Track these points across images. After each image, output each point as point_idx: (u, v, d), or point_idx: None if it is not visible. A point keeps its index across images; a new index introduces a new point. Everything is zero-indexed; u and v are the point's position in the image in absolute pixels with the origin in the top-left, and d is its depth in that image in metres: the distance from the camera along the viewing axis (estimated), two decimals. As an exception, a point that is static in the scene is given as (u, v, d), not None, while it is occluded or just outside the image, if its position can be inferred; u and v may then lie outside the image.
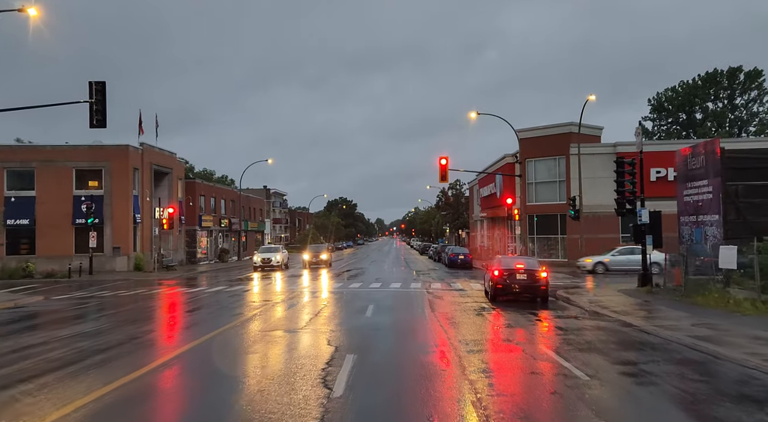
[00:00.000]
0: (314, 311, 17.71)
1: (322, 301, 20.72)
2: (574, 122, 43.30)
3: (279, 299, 21.82)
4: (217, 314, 18.04)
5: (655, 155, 41.76)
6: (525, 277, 20.27)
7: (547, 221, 44.68)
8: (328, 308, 18.80)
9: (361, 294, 23.16)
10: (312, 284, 28.50)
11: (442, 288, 25.80)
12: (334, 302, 20.23)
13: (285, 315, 17.11)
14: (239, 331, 14.27)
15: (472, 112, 42.90)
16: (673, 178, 41.05)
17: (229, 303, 21.09)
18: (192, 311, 19.15)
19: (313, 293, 23.64)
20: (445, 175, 41.37)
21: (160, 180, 49.39)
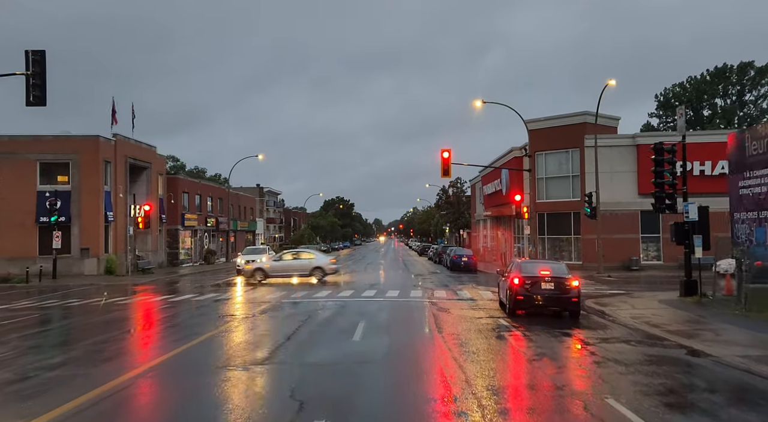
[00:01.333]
0: (288, 333, 13.80)
1: (302, 317, 16.81)
2: (590, 111, 39.49)
3: (251, 312, 17.94)
4: (164, 336, 14.17)
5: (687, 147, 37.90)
6: (552, 287, 16.43)
7: (558, 220, 40.84)
8: (307, 326, 14.92)
9: (352, 306, 19.29)
10: (296, 292, 24.60)
11: (447, 297, 21.95)
12: (317, 318, 16.34)
13: (248, 338, 13.22)
14: (174, 367, 10.40)
15: (477, 100, 39.09)
16: (711, 172, 37.43)
17: (187, 318, 17.24)
18: (131, 333, 15.25)
19: (294, 305, 19.74)
20: (447, 169, 37.58)
21: (137, 175, 45.48)
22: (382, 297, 21.98)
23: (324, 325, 14.95)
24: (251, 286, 28.89)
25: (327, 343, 12.33)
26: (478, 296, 22.52)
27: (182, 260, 51.86)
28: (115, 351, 12.13)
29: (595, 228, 36.94)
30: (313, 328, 14.44)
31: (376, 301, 20.71)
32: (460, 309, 18.29)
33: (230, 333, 13.94)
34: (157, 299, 22.70)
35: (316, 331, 13.91)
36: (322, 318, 16.31)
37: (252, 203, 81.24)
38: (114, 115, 40.24)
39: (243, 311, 18.32)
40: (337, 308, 18.46)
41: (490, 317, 16.72)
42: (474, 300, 20.98)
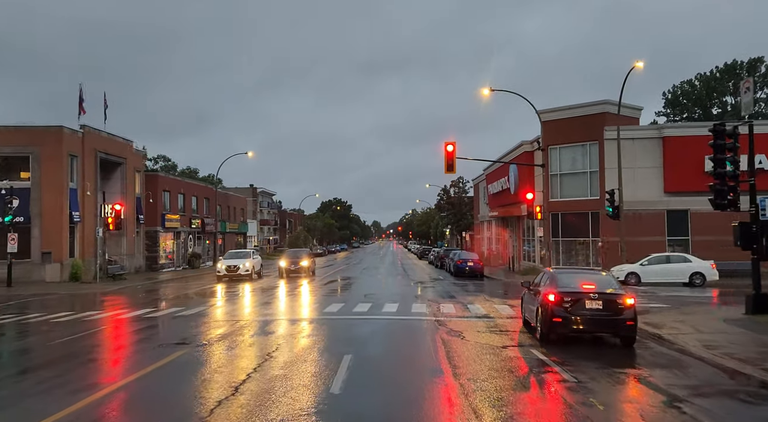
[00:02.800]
0: (238, 381, 9.62)
1: (270, 346, 12.75)
2: (610, 100, 35.52)
3: (205, 339, 13.88)
4: (61, 383, 10.15)
5: (707, 139, 33.91)
6: (599, 306, 12.46)
7: (574, 221, 36.85)
8: (270, 364, 10.87)
9: (338, 329, 15.26)
10: (274, 306, 20.57)
11: (457, 314, 17.93)
12: (287, 351, 12.23)
13: (176, 391, 9.18)
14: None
15: (485, 88, 35.13)
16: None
17: (112, 349, 13.21)
18: (28, 372, 11.22)
19: (264, 327, 15.67)
20: (452, 164, 33.56)
21: (110, 172, 41.45)
22: (378, 313, 17.96)
23: (294, 363, 10.88)
24: (229, 296, 24.89)
25: (291, 401, 8.27)
26: (494, 311, 18.51)
27: (163, 265, 47.78)
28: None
29: (617, 230, 33.00)
30: (277, 369, 10.36)
31: (370, 320, 16.69)
32: (476, 332, 14.27)
33: (157, 382, 9.91)
34: (105, 316, 18.66)
35: (280, 376, 9.80)
36: (296, 350, 12.25)
37: (243, 204, 77.21)
38: (81, 104, 36.22)
39: (196, 335, 14.28)
40: (318, 333, 14.41)
41: (518, 345, 12.73)
42: (490, 318, 16.98)
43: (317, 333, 14.35)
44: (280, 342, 12.89)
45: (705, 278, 28.39)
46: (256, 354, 11.72)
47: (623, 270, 30.10)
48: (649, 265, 29.93)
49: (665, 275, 29.21)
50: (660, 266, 29.46)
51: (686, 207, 34.23)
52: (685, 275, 28.77)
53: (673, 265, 29.34)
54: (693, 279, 28.44)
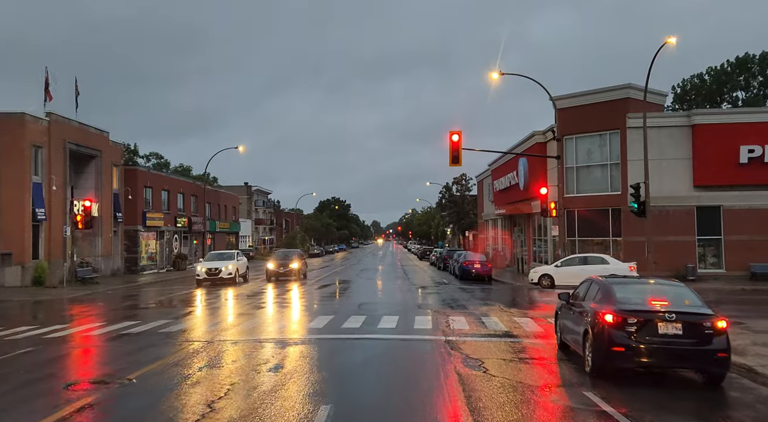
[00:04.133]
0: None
1: (219, 388, 9.17)
2: (634, 84, 32.06)
3: (137, 373, 10.32)
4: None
5: (743, 127, 30.61)
6: (678, 330, 8.96)
7: (593, 219, 33.34)
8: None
9: (320, 356, 11.72)
10: (248, 320, 17.03)
11: (471, 330, 14.41)
12: (239, 399, 8.53)
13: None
14: None
15: (494, 72, 31.72)
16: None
17: (14, 387, 9.69)
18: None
19: (223, 352, 12.12)
20: (457, 155, 30.19)
21: (83, 165, 37.93)
22: (373, 331, 14.42)
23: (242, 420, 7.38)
24: (202, 305, 21.39)
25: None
26: (516, 327, 15.00)
27: (143, 267, 44.24)
28: None
29: (642, 228, 29.54)
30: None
31: (362, 342, 13.16)
32: (501, 362, 10.75)
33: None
34: (35, 333, 15.12)
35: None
36: (252, 397, 8.67)
37: (235, 202, 73.64)
38: (48, 89, 32.70)
39: (128, 366, 10.75)
40: (292, 363, 10.84)
41: (563, 385, 9.23)
42: (514, 338, 13.46)
43: (291, 363, 10.81)
44: (235, 380, 9.35)
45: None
46: (193, 403, 8.18)
47: (537, 272, 28.41)
48: (563, 266, 28.07)
49: (581, 278, 26.41)
50: (576, 268, 27.20)
51: (718, 203, 30.77)
52: None
53: (589, 266, 26.81)
54: None
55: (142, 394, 8.67)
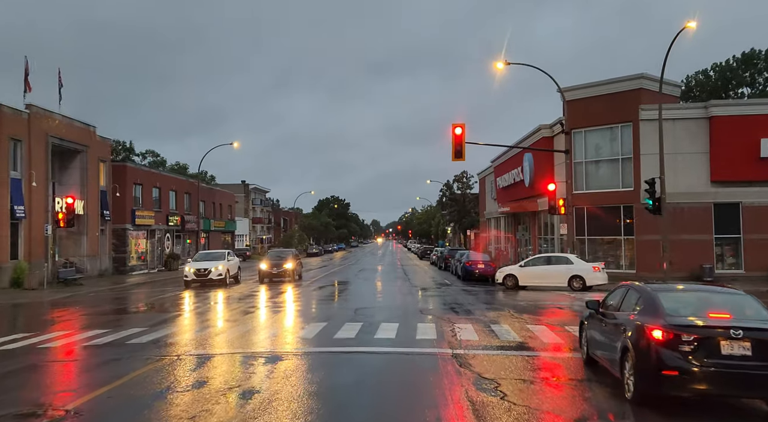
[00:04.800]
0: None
1: (183, 418, 7.48)
2: (647, 75, 30.39)
3: (76, 401, 8.57)
4: None
5: (764, 119, 28.88)
6: (746, 350, 7.26)
7: (603, 217, 31.66)
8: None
9: (305, 376, 9.93)
10: (230, 328, 15.31)
11: (482, 341, 12.69)
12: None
13: None
14: None
15: (500, 61, 29.98)
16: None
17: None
18: None
19: (189, 373, 10.34)
20: (460, 150, 28.52)
21: (67, 161, 36.23)
22: (369, 342, 12.69)
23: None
24: (185, 310, 19.68)
25: None
26: (531, 337, 13.28)
27: (133, 267, 42.52)
28: None
29: (655, 226, 27.90)
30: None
31: (356, 356, 11.43)
32: (521, 384, 9.02)
33: None
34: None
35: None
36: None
37: (231, 200, 71.89)
38: (27, 79, 30.97)
39: (67, 394, 9.02)
40: (269, 387, 9.04)
41: (599, 418, 7.51)
42: (532, 351, 11.74)
43: (270, 385, 9.07)
44: (197, 412, 7.61)
45: (585, 281, 25.52)
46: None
47: (503, 272, 27.90)
48: (527, 266, 27.23)
49: (544, 278, 26.31)
50: (540, 268, 26.64)
51: (737, 199, 29.08)
52: (565, 278, 25.81)
53: (553, 266, 26.35)
54: (572, 283, 25.58)
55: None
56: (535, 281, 26.35)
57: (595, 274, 25.78)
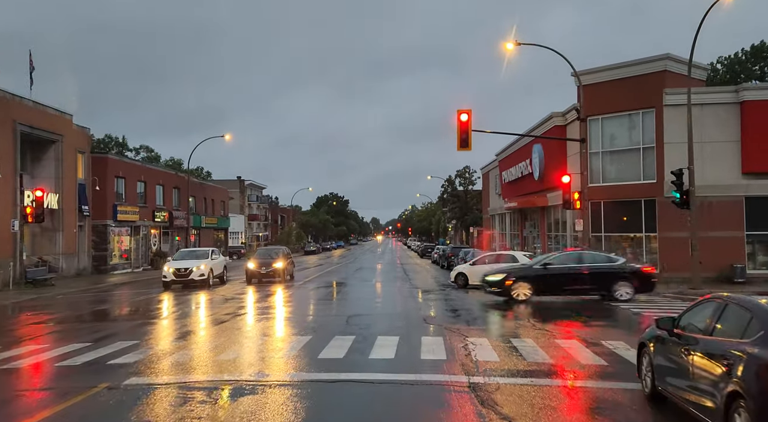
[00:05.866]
0: None
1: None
2: (672, 55, 27.73)
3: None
4: None
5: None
6: None
7: (622, 211, 29.03)
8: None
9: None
10: (194, 345, 12.59)
11: (503, 364, 10.00)
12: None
13: None
14: None
15: (509, 42, 27.26)
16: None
17: None
18: None
19: (124, 406, 7.73)
20: (466, 138, 25.93)
21: (40, 151, 33.53)
22: (362, 366, 9.98)
23: None
24: (153, 317, 17.02)
25: None
26: (564, 356, 10.62)
27: (114, 266, 39.83)
28: None
29: (680, 222, 25.32)
30: None
31: (343, 389, 8.70)
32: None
33: None
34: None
35: None
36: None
37: (224, 196, 69.17)
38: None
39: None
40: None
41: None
42: (571, 378, 9.06)
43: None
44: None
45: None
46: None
47: (456, 270, 27.53)
48: (476, 265, 26.48)
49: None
50: (487, 267, 25.27)
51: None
52: None
53: (501, 265, 24.62)
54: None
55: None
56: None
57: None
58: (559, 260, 20.25)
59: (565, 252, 22.15)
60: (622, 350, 11.11)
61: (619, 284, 19.03)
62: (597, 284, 19.15)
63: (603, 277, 19.09)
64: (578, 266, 19.53)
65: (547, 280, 19.24)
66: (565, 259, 20.31)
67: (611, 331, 13.58)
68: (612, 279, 19.08)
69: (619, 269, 19.42)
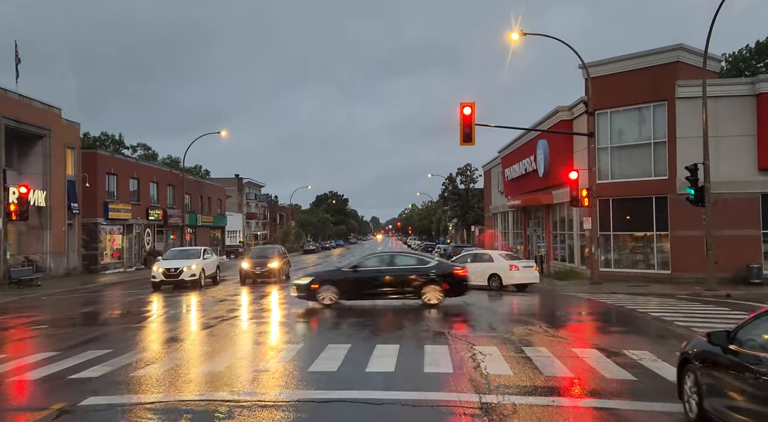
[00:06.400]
0: None
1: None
2: (686, 46, 26.56)
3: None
4: None
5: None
6: None
7: (632, 209, 27.89)
8: None
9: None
10: (171, 355, 11.37)
11: (520, 380, 8.80)
12: None
13: None
14: None
15: (514, 32, 26.12)
16: None
17: None
18: None
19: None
20: (470, 132, 24.92)
21: (28, 147, 32.34)
22: (356, 382, 8.75)
23: None
24: (133, 321, 15.84)
25: None
26: (585, 368, 9.44)
27: (105, 265, 38.64)
28: None
29: (694, 220, 24.26)
30: None
31: (333, 410, 7.54)
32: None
33: None
34: None
35: None
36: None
37: (221, 194, 67.98)
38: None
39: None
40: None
41: None
42: (596, 397, 7.88)
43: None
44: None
45: (501, 280, 24.21)
46: None
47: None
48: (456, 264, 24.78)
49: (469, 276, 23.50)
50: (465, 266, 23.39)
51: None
52: (485, 276, 24.32)
53: (476, 264, 24.68)
54: (490, 282, 24.33)
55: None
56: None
57: (512, 273, 24.18)
58: (370, 262, 18.69)
59: (377, 254, 20.58)
60: (649, 361, 9.94)
61: (428, 287, 17.54)
62: (406, 287, 17.63)
63: (412, 280, 17.59)
64: (388, 268, 18.10)
65: (355, 283, 17.73)
66: (377, 261, 18.73)
67: (633, 338, 12.40)
68: (422, 283, 17.57)
69: (429, 272, 17.77)
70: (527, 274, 24.47)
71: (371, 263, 18.63)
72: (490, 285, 24.13)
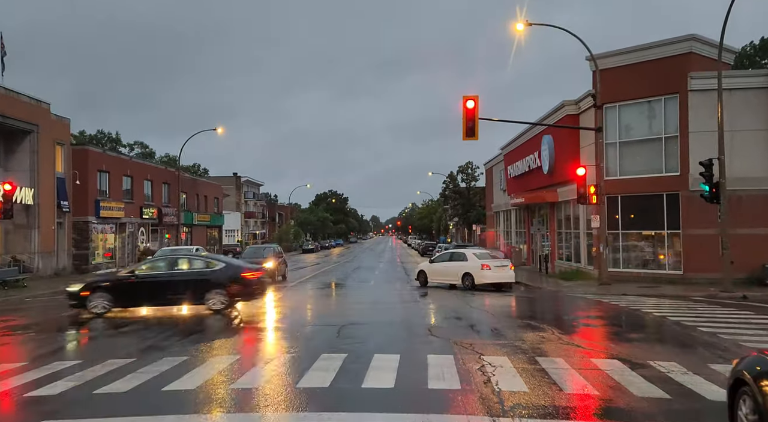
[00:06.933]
0: None
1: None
2: (698, 36, 25.49)
3: None
4: None
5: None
6: None
7: (641, 207, 26.81)
8: None
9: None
10: (146, 367, 10.30)
11: (537, 400, 7.68)
12: None
13: None
14: None
15: (519, 22, 25.02)
16: None
17: None
18: None
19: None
20: (473, 126, 23.97)
21: (14, 143, 31.28)
22: (351, 402, 7.65)
23: None
24: (115, 325, 14.76)
25: None
26: (612, 386, 8.34)
27: (97, 265, 37.54)
28: None
29: (707, 218, 23.25)
30: None
31: None
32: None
33: None
34: None
35: None
36: None
37: (218, 192, 66.88)
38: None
39: None
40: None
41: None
42: (625, 417, 6.78)
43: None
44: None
45: (474, 280, 23.86)
46: None
47: (417, 267, 28.07)
48: (435, 263, 26.51)
49: (445, 275, 25.35)
50: (442, 265, 25.80)
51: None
52: (458, 275, 24.46)
53: (453, 263, 25.08)
54: (464, 280, 24.24)
55: None
56: (438, 279, 25.53)
57: (483, 272, 23.80)
58: (150, 267, 17.54)
59: (160, 257, 19.26)
60: (679, 374, 8.85)
61: (212, 292, 16.43)
62: (188, 292, 16.44)
63: (195, 285, 16.48)
64: (169, 273, 16.93)
65: (132, 289, 16.55)
66: (158, 266, 17.59)
67: (656, 347, 11.32)
68: (205, 287, 16.45)
69: (212, 276, 16.58)
70: (500, 273, 24.00)
71: (150, 268, 17.45)
72: (464, 284, 24.03)
